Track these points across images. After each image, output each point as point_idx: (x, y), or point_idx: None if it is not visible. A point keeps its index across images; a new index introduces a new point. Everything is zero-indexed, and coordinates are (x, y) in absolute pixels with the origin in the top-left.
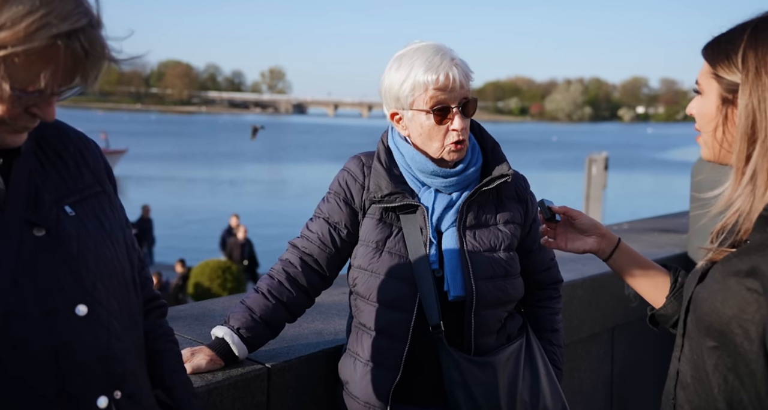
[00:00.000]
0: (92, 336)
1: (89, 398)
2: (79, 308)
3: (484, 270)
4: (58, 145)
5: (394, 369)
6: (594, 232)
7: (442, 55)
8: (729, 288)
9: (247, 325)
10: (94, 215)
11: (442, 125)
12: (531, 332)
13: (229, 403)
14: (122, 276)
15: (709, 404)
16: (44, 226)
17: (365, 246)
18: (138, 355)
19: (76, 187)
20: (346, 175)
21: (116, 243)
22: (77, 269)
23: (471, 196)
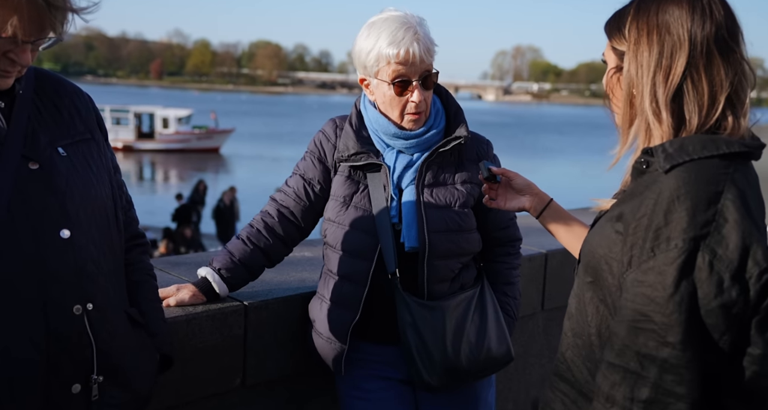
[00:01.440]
0: (71, 256)
1: (67, 305)
2: (63, 232)
3: (438, 224)
4: (54, 96)
5: (353, 310)
6: (528, 192)
7: (406, 29)
8: (603, 231)
9: (228, 267)
10: (83, 157)
11: (403, 96)
12: (486, 283)
13: (207, 333)
14: (104, 210)
15: (584, 330)
16: (38, 161)
17: (334, 201)
18: (114, 278)
19: (68, 133)
20: (321, 136)
21: (101, 183)
22: (64, 200)
23: (429, 157)
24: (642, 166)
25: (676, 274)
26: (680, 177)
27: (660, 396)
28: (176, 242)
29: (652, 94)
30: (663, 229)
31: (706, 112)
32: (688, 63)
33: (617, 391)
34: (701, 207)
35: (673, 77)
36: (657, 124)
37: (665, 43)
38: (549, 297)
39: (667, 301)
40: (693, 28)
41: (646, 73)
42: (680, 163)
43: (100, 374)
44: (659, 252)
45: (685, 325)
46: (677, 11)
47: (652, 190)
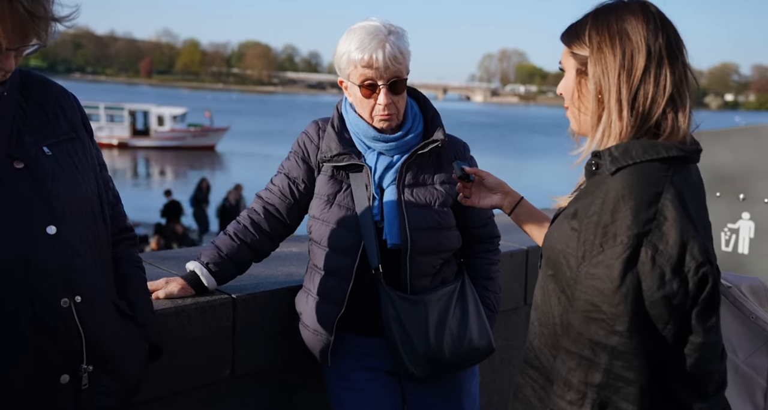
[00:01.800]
0: (58, 251)
1: (55, 298)
2: (49, 228)
3: (418, 222)
4: (40, 97)
5: (338, 304)
6: (499, 190)
7: (374, 36)
8: (560, 228)
9: (215, 261)
10: (69, 156)
11: (371, 99)
12: (467, 278)
13: (196, 325)
14: (89, 207)
15: (548, 320)
16: (23, 161)
17: (318, 199)
18: (100, 271)
19: (53, 132)
20: (305, 137)
21: (86, 180)
22: (49, 197)
23: (409, 159)
24: (592, 168)
25: (621, 268)
26: (624, 179)
27: (611, 381)
28: (167, 238)
29: (618, 92)
30: (610, 226)
31: (649, 111)
32: (645, 66)
33: (573, 376)
34: (643, 207)
35: (634, 78)
36: (617, 122)
37: (626, 48)
38: (531, 291)
39: (614, 293)
40: (648, 36)
41: (612, 73)
42: (624, 165)
43: (89, 364)
44: (607, 248)
45: (631, 315)
46: (634, 21)
47: (600, 190)
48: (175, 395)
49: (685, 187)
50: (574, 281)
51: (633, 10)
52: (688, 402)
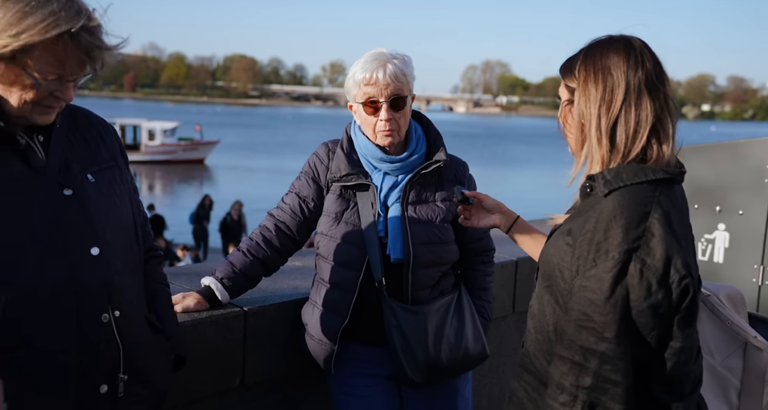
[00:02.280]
0: (101, 271)
1: (96, 314)
2: (93, 249)
3: (421, 238)
4: (83, 129)
5: (343, 315)
6: (497, 210)
7: (376, 59)
8: (556, 243)
9: (229, 276)
10: (109, 182)
11: (374, 116)
12: (463, 289)
13: (211, 337)
14: (127, 229)
15: (543, 328)
16: (71, 188)
17: (327, 216)
18: (135, 288)
19: (96, 161)
20: (315, 158)
21: (124, 205)
22: (93, 221)
23: (413, 178)
24: (587, 190)
25: (612, 281)
26: (616, 200)
27: (600, 383)
28: None
29: (597, 122)
30: (602, 243)
31: (632, 140)
32: (623, 99)
33: (565, 379)
34: (633, 225)
35: (613, 110)
36: (597, 148)
37: (607, 82)
38: (519, 300)
39: (604, 303)
40: (628, 72)
41: (593, 105)
42: (616, 188)
43: (125, 373)
44: (599, 262)
45: (619, 324)
46: (616, 58)
47: (594, 210)
48: (191, 403)
49: (671, 206)
50: (568, 292)
51: (617, 47)
52: (668, 401)
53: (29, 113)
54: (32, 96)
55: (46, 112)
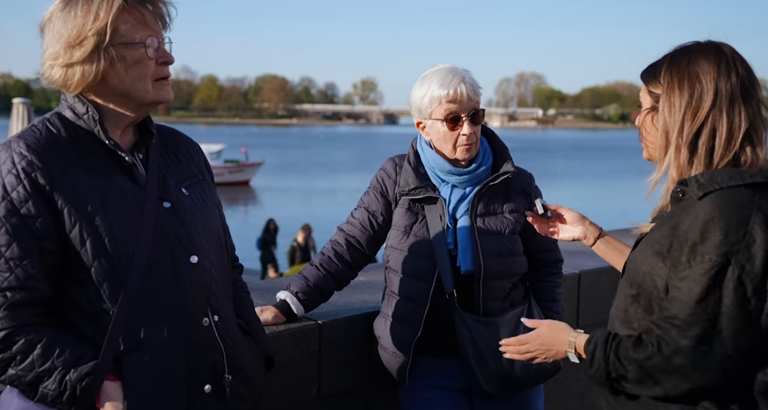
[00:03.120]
0: (200, 277)
1: (198, 318)
2: (192, 257)
3: (491, 249)
4: (174, 147)
5: (415, 327)
6: (580, 224)
7: (453, 74)
8: (646, 252)
9: (303, 290)
10: (200, 195)
11: (455, 131)
12: (533, 301)
13: (289, 349)
14: (219, 238)
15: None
16: (170, 200)
17: (396, 230)
18: (227, 294)
19: (187, 175)
20: (383, 173)
21: (214, 216)
22: (191, 231)
23: (481, 190)
24: (678, 195)
25: (706, 284)
26: (714, 202)
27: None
28: None
29: (680, 129)
30: (698, 245)
31: (725, 147)
32: (711, 106)
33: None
34: (733, 228)
35: (699, 117)
36: (678, 155)
37: (695, 89)
38: (583, 314)
39: (695, 305)
40: (718, 79)
41: (678, 112)
42: (711, 190)
43: (229, 373)
44: (694, 264)
45: (705, 325)
46: (705, 64)
47: (688, 213)
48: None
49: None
50: (661, 299)
51: (706, 52)
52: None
53: (153, 94)
54: (149, 69)
55: (165, 85)
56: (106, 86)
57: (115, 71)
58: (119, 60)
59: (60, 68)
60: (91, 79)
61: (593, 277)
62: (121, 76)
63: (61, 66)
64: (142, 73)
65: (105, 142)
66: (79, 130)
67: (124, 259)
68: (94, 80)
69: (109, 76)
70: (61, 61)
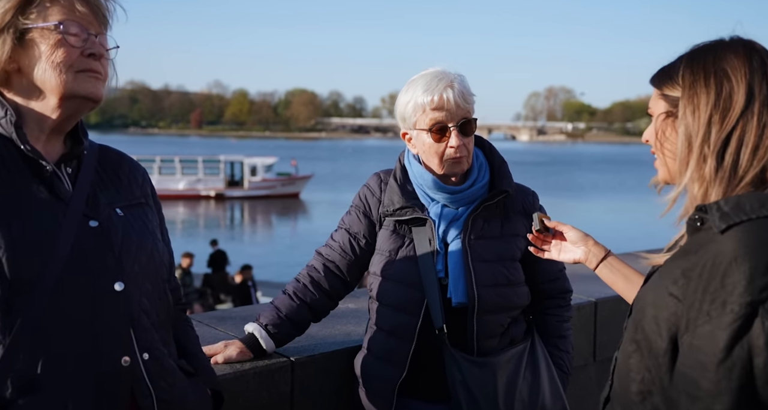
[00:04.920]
0: (125, 309)
1: (115, 357)
2: (117, 284)
3: (486, 279)
4: (115, 166)
5: (400, 367)
6: (583, 244)
7: (440, 79)
8: (656, 291)
9: (274, 322)
10: (139, 217)
11: (441, 143)
12: (537, 337)
13: (254, 391)
14: (156, 266)
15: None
16: (98, 219)
17: (380, 255)
18: (165, 329)
19: (126, 197)
20: (366, 191)
21: (155, 240)
22: (121, 254)
23: (475, 210)
24: (696, 224)
25: (728, 340)
26: (738, 238)
27: None
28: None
29: (706, 135)
30: (719, 292)
31: (751, 158)
32: (744, 108)
33: None
34: (760, 271)
35: (729, 121)
36: (701, 166)
37: (723, 87)
38: (601, 347)
39: (717, 367)
40: (751, 76)
41: (703, 115)
42: (737, 222)
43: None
44: (714, 316)
45: (735, 394)
46: (735, 60)
47: (708, 250)
48: None
49: None
50: (665, 351)
51: (734, 47)
52: None
53: (73, 85)
54: (68, 57)
55: (90, 77)
56: (24, 77)
57: (29, 58)
58: (34, 45)
59: None
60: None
61: (611, 306)
62: (36, 63)
63: None
64: (59, 60)
65: (21, 148)
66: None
67: (26, 283)
68: (3, 65)
69: (24, 64)
70: None
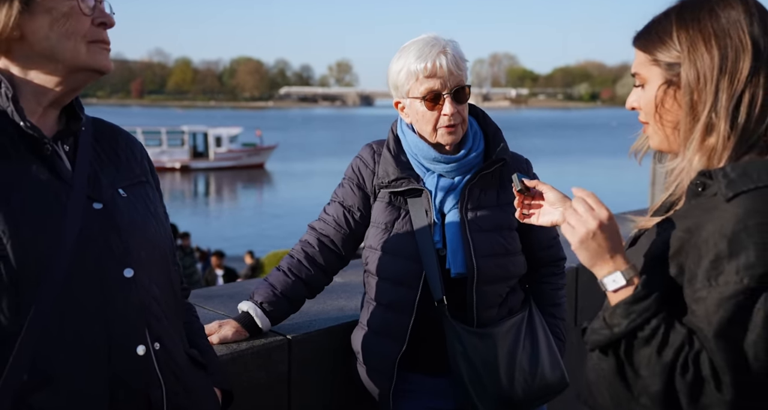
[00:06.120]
0: (136, 296)
1: (130, 345)
2: (127, 271)
3: (485, 249)
4: (112, 142)
5: (399, 341)
6: (561, 205)
7: (432, 45)
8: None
9: (269, 300)
10: (142, 198)
11: (435, 111)
12: (534, 306)
13: (252, 371)
14: (163, 249)
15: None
16: (102, 201)
17: (375, 228)
18: (175, 317)
19: (127, 176)
20: (359, 162)
21: (159, 223)
22: (127, 239)
23: (472, 180)
24: (698, 188)
25: (733, 310)
26: (747, 206)
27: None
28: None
29: (714, 99)
30: (724, 261)
31: (758, 120)
32: (752, 67)
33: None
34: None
35: (738, 83)
36: (707, 136)
37: (728, 47)
38: (582, 312)
39: (714, 337)
40: (754, 30)
41: (710, 79)
42: (745, 190)
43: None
44: (716, 285)
45: (739, 372)
46: (734, 14)
47: (712, 216)
48: None
49: None
50: None
51: (729, 2)
52: None
53: (87, 56)
54: (81, 25)
55: (102, 49)
56: (26, 45)
57: (37, 25)
58: (43, 12)
59: None
60: (1, 29)
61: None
62: (45, 31)
63: None
64: (72, 29)
65: (19, 123)
66: None
67: (33, 269)
68: (6, 34)
69: (29, 31)
70: None
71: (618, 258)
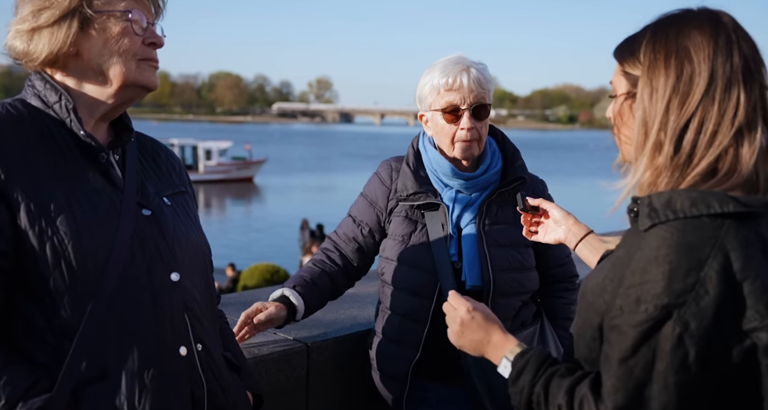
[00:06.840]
0: (180, 299)
1: (175, 346)
2: (173, 275)
3: (502, 263)
4: (153, 154)
5: (413, 349)
6: (565, 223)
7: (457, 63)
8: (597, 278)
9: (302, 284)
10: (183, 207)
11: (453, 124)
12: (546, 319)
13: (273, 375)
14: (203, 256)
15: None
16: (150, 208)
17: (393, 239)
18: (213, 321)
19: (169, 185)
20: (376, 179)
21: (199, 231)
22: (173, 244)
23: (490, 196)
24: (631, 215)
25: (637, 339)
26: (661, 237)
27: None
28: None
29: (663, 121)
30: (635, 289)
31: (707, 145)
32: (704, 92)
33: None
34: (680, 274)
35: (688, 106)
36: (658, 156)
37: (684, 69)
38: None
39: (619, 364)
40: (714, 56)
41: (661, 98)
42: (663, 221)
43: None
44: (627, 312)
45: (631, 393)
46: (699, 37)
47: (635, 243)
48: None
49: (742, 252)
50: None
51: (700, 22)
52: None
53: (137, 73)
54: (133, 45)
55: (151, 67)
56: (81, 61)
57: (91, 43)
58: (98, 31)
59: (25, 35)
60: (59, 47)
61: None
62: (99, 48)
63: (26, 31)
64: (124, 48)
65: (78, 133)
66: (47, 120)
67: (91, 269)
68: (63, 50)
69: (85, 48)
70: (27, 26)
71: (497, 343)
